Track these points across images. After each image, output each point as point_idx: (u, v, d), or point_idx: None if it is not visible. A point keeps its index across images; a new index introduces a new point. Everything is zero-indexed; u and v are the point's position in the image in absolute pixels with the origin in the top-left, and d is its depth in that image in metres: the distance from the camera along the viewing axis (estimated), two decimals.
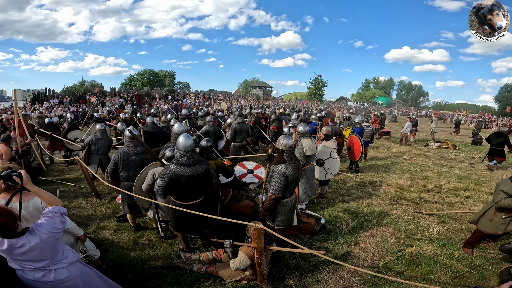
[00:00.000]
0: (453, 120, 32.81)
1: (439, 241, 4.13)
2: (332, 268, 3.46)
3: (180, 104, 26.13)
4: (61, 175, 7.09)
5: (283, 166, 3.32)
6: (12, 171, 2.09)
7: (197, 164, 3.25)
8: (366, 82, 68.83)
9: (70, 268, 2.13)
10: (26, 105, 22.53)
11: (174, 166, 3.17)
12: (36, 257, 1.97)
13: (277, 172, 3.31)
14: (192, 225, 3.43)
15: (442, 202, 5.68)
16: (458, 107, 52.75)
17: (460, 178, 7.39)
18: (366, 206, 5.31)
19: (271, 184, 3.32)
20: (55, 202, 2.11)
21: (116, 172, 3.99)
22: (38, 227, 1.93)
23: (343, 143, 8.21)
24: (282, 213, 3.50)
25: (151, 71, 54.90)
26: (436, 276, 3.34)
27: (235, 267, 3.07)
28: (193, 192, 3.30)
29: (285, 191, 3.38)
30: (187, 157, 3.19)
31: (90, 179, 5.29)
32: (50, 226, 1.95)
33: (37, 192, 2.11)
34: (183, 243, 3.69)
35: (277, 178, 3.28)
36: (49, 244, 1.97)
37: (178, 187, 3.20)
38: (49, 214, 2.00)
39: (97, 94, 27.15)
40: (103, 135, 6.17)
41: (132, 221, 4.29)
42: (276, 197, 3.33)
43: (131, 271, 3.34)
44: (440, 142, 12.68)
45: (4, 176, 2.06)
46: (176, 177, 3.14)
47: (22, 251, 1.90)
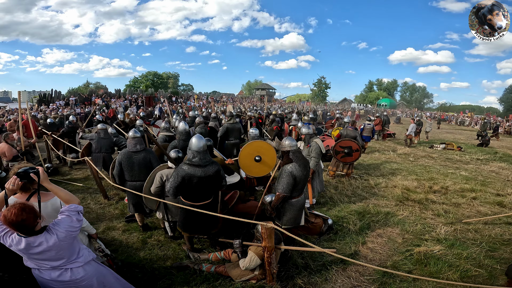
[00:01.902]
0: (465, 123, 32.66)
1: (447, 241, 4.12)
2: (341, 267, 3.47)
3: (184, 106, 26.27)
4: (68, 175, 7.18)
5: (291, 166, 3.40)
6: (29, 168, 2.00)
7: (209, 165, 3.27)
8: (369, 84, 68.57)
9: (86, 267, 2.12)
10: (33, 106, 22.76)
11: (186, 166, 3.20)
12: (53, 256, 1.96)
13: (286, 171, 3.37)
14: (199, 225, 3.45)
15: (449, 203, 5.66)
16: (463, 108, 52.34)
17: (466, 180, 7.35)
18: (372, 207, 5.31)
19: (280, 183, 3.39)
20: (71, 200, 2.09)
21: (121, 172, 4.08)
22: (55, 226, 1.92)
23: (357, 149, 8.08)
24: (289, 213, 3.55)
25: (155, 73, 55.19)
26: (445, 276, 3.34)
27: (245, 267, 3.09)
28: (203, 193, 3.33)
29: (293, 190, 3.42)
30: (200, 157, 3.21)
31: (99, 179, 5.35)
32: (67, 225, 1.94)
33: (54, 190, 2.08)
34: (188, 244, 3.72)
35: (285, 178, 3.36)
36: (66, 243, 1.96)
37: (189, 187, 3.23)
38: (66, 213, 1.98)
39: (102, 96, 27.39)
40: (105, 134, 6.28)
41: (140, 220, 4.34)
42: (284, 196, 3.37)
43: (140, 271, 3.37)
44: (446, 144, 12.62)
45: (21, 173, 1.95)
46: (188, 178, 3.17)
47: (40, 250, 1.88)
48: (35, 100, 27.09)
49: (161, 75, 55.53)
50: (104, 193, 5.51)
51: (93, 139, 6.15)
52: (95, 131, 6.70)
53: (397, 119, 27.87)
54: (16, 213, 1.78)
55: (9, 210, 1.80)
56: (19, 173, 1.95)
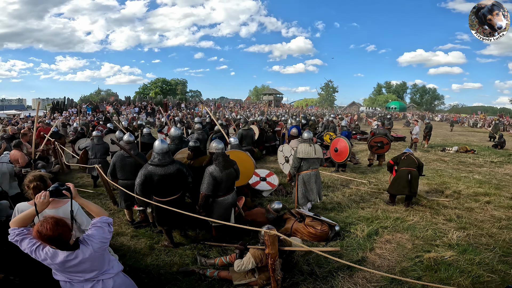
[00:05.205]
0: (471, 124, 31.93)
1: (459, 246, 4.01)
2: (347, 274, 3.41)
3: (192, 112, 26.57)
4: (80, 181, 7.33)
5: (212, 167, 3.76)
6: (59, 184, 2.02)
7: (169, 165, 3.68)
8: (378, 87, 67.83)
9: (115, 279, 2.12)
10: (46, 113, 23.42)
11: (149, 166, 3.66)
12: (88, 268, 1.96)
13: (206, 172, 3.75)
14: (171, 219, 3.76)
15: (461, 207, 5.51)
16: (475, 109, 51.13)
17: (479, 183, 7.16)
18: (381, 212, 5.22)
19: (202, 184, 3.75)
20: (101, 212, 2.13)
21: (114, 171, 4.55)
22: (89, 238, 1.94)
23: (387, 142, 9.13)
24: (217, 211, 3.86)
25: (163, 79, 56.13)
26: (456, 282, 3.25)
27: (240, 268, 3.07)
28: (168, 189, 3.72)
29: (216, 190, 3.78)
30: (159, 158, 3.65)
31: (108, 186, 5.44)
32: (100, 236, 1.96)
33: (85, 204, 2.12)
34: (168, 238, 4.00)
35: (206, 178, 3.72)
36: (99, 254, 1.97)
37: (151, 184, 3.63)
38: (98, 224, 2.01)
39: (112, 103, 27.98)
40: (99, 140, 6.51)
41: (129, 216, 4.69)
42: (206, 195, 3.72)
43: (147, 276, 3.40)
44: (458, 147, 12.34)
45: (53, 191, 1.98)
46: (149, 175, 3.60)
47: (75, 263, 1.88)
48: (48, 108, 27.90)
49: (170, 82, 56.41)
50: (114, 199, 5.59)
51: (88, 146, 6.42)
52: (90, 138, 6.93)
53: (407, 122, 27.37)
54: (52, 228, 1.77)
55: (42, 226, 1.78)
56: (51, 191, 1.97)
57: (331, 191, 6.44)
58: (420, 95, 66.35)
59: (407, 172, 5.40)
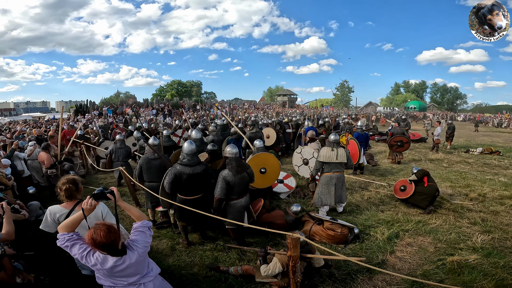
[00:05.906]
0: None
1: (483, 250, 3.90)
2: (367, 276, 3.39)
3: (207, 114, 26.90)
4: (103, 182, 7.62)
5: (225, 172, 3.85)
6: (104, 188, 2.08)
7: (196, 165, 3.87)
8: (396, 86, 66.00)
9: (155, 282, 2.16)
10: (70, 116, 24.43)
11: (178, 165, 3.85)
12: (132, 272, 2.01)
13: (220, 177, 3.85)
14: (192, 216, 3.86)
15: (486, 211, 5.32)
16: (500, 109, 48.84)
17: (505, 186, 6.86)
18: (402, 215, 5.12)
19: (216, 188, 3.85)
20: (142, 216, 2.19)
21: (141, 174, 4.78)
22: (134, 243, 2.00)
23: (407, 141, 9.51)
24: (230, 214, 3.93)
25: (179, 81, 57.18)
26: (480, 284, 3.17)
27: (266, 272, 3.10)
28: (194, 188, 3.90)
29: (230, 193, 3.87)
30: (188, 159, 3.84)
31: (132, 187, 5.65)
32: (143, 240, 2.02)
33: (127, 208, 2.19)
34: (183, 234, 4.19)
35: (219, 182, 3.82)
36: (142, 258, 2.03)
37: (180, 183, 3.82)
38: (140, 229, 2.07)
39: (131, 106, 28.79)
40: (122, 144, 6.76)
41: (152, 215, 4.89)
42: (220, 198, 3.81)
43: (169, 277, 3.47)
44: (483, 148, 11.84)
45: (98, 194, 2.03)
46: (179, 174, 3.79)
47: (123, 268, 1.93)
48: (72, 110, 29.10)
49: (185, 84, 57.41)
50: (136, 200, 5.79)
51: (112, 149, 6.71)
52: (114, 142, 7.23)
53: (428, 123, 26.44)
54: (105, 236, 1.84)
55: (96, 233, 1.84)
56: (95, 194, 2.03)
57: (349, 193, 6.37)
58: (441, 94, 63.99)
59: (436, 189, 5.33)
